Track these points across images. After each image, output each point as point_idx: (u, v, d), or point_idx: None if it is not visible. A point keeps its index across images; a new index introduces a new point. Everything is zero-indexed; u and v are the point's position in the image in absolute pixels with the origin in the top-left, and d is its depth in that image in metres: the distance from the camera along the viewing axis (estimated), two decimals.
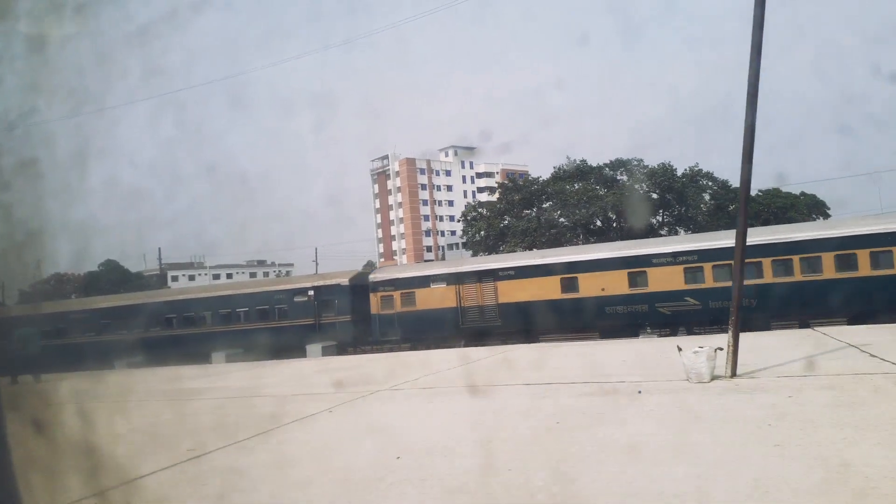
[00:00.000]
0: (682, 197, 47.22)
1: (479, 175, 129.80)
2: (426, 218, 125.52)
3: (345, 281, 23.18)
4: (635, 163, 50.44)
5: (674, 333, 20.59)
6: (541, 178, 57.00)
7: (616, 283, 20.39)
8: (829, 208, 67.15)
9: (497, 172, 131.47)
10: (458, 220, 62.37)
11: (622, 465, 5.00)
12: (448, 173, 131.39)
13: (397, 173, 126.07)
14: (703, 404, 7.06)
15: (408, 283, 22.66)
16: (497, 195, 61.28)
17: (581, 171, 55.59)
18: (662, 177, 47.63)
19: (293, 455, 6.33)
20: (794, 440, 5.26)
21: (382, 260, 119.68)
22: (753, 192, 64.42)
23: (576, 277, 20.84)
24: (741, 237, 8.98)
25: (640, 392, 7.88)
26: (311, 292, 22.97)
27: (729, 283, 19.44)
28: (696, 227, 50.04)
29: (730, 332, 8.46)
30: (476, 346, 20.28)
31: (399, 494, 4.72)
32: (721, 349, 8.24)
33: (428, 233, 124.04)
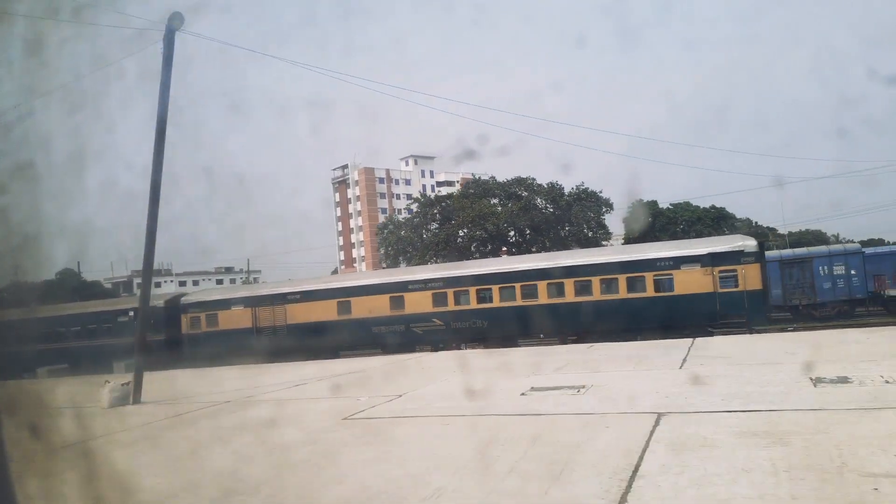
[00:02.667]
0: (566, 215, 50.39)
1: (440, 184, 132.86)
2: None
3: (160, 303, 26.35)
4: (530, 181, 53.70)
5: (434, 350, 23.83)
6: (453, 194, 60.18)
7: (381, 306, 23.60)
8: (737, 220, 70.50)
9: (457, 181, 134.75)
10: (377, 235, 65.43)
11: None
12: (408, 182, 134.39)
13: (356, 182, 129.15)
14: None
15: (212, 305, 25.87)
16: (415, 209, 64.42)
17: (486, 189, 58.84)
18: (548, 195, 50.87)
19: None
20: None
21: (343, 267, 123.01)
22: (664, 206, 67.78)
23: (349, 301, 24.04)
24: (145, 300, 12.09)
25: None
26: (131, 313, 26.11)
27: (467, 307, 22.81)
28: (586, 244, 53.25)
29: (135, 369, 11.58)
30: (270, 363, 23.45)
31: None
32: (128, 383, 11.33)
33: None
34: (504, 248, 55.62)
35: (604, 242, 55.55)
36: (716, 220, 66.41)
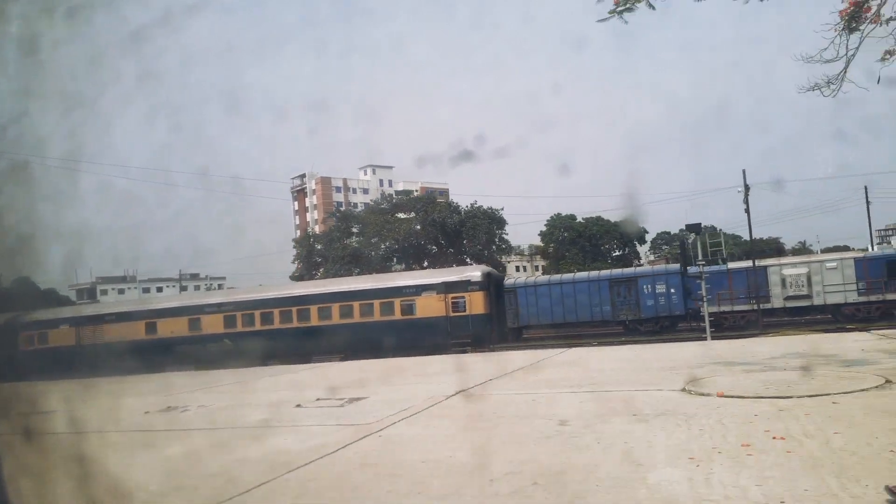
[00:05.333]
0: (457, 232, 53.16)
1: (399, 193, 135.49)
2: None
3: None
4: (434, 197, 56.76)
5: (245, 367, 26.69)
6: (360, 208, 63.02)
7: (181, 328, 26.47)
8: (647, 232, 73.44)
9: (416, 191, 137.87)
10: (295, 248, 68.11)
11: None
12: (366, 191, 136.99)
13: (314, 191, 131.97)
14: None
15: (45, 324, 28.73)
16: (332, 223, 67.23)
17: (397, 204, 61.81)
18: (443, 213, 53.69)
19: None
20: None
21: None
22: (579, 219, 70.71)
23: (155, 322, 26.91)
24: None
25: None
26: None
27: (250, 328, 25.64)
28: (477, 260, 56.12)
29: None
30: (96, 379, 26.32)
31: None
32: None
33: None
34: (425, 262, 58.45)
35: (503, 257, 58.46)
36: (624, 235, 69.12)
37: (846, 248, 70.20)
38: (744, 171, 33.99)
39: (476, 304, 22.56)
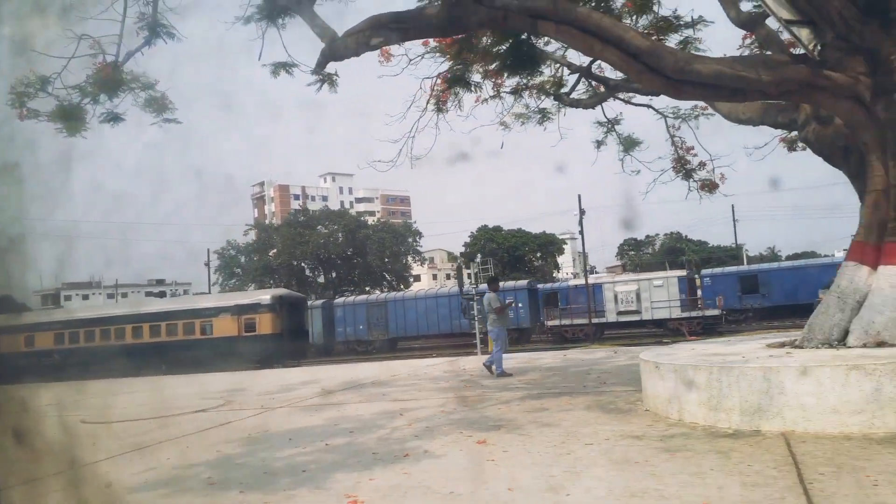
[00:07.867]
0: (364, 247, 55.25)
1: (359, 200, 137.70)
2: None
3: None
4: (342, 211, 59.03)
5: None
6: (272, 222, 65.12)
7: (47, 341, 28.67)
8: (566, 244, 76.07)
9: (376, 198, 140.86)
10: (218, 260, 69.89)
11: None
12: (325, 198, 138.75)
13: (272, 199, 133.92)
14: None
15: None
16: (255, 234, 69.33)
17: (313, 218, 63.99)
18: (349, 226, 55.78)
19: None
20: None
21: None
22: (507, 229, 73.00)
23: (33, 335, 29.04)
24: None
25: None
26: None
27: (75, 345, 27.90)
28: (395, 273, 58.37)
29: None
30: None
31: None
32: None
33: None
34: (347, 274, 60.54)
35: (414, 268, 60.72)
36: (543, 245, 71.58)
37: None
38: (579, 196, 36.47)
39: (265, 324, 24.88)
